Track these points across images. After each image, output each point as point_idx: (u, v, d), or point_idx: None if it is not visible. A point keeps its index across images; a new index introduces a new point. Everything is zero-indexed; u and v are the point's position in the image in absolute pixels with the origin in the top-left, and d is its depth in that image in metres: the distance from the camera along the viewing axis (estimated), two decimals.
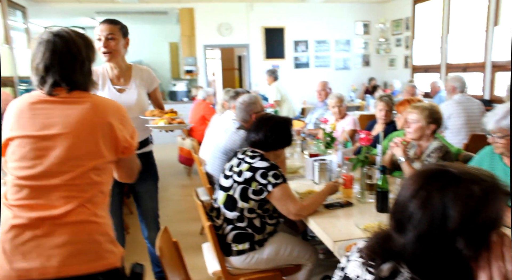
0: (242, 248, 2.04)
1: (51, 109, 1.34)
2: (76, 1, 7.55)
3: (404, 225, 0.85)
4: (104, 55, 2.19)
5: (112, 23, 2.20)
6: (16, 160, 1.31)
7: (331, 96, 3.89)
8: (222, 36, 8.44)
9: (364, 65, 9.16)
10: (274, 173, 2.01)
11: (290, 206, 1.98)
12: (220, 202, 2.12)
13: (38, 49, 1.36)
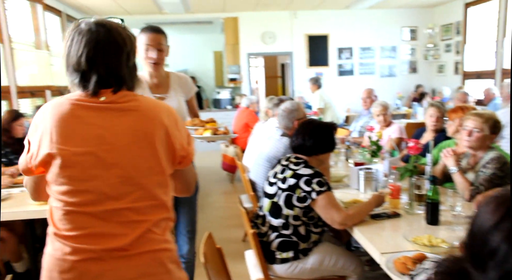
0: (286, 256, 2.02)
1: (101, 117, 1.11)
2: (126, 14, 7.91)
3: (485, 261, 0.72)
4: (152, 65, 2.12)
5: (160, 33, 2.13)
6: (64, 183, 1.09)
7: (375, 104, 3.80)
8: (266, 44, 8.51)
9: (410, 72, 8.88)
10: (318, 180, 1.99)
11: (335, 214, 1.95)
12: (265, 209, 2.13)
13: (77, 40, 1.13)
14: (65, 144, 1.08)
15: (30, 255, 2.68)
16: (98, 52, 1.13)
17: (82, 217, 1.08)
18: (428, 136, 3.22)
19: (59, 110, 1.12)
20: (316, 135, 2.13)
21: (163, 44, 2.14)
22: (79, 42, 1.13)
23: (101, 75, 1.13)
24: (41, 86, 5.82)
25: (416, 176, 2.15)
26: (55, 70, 6.35)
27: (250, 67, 8.77)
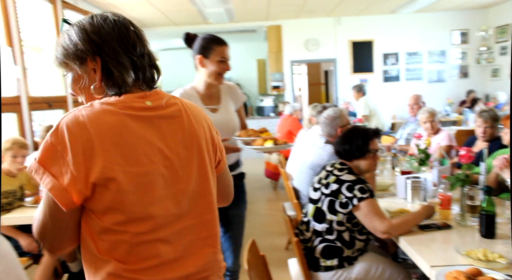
0: (330, 264, 2.00)
1: (153, 128, 0.96)
2: (173, 25, 8.20)
3: None
4: (220, 77, 2.03)
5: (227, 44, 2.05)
6: (128, 210, 0.91)
7: (421, 111, 3.67)
8: (309, 51, 8.48)
9: (461, 76, 8.48)
10: (360, 187, 1.97)
11: (377, 223, 1.90)
12: (309, 215, 2.12)
13: (112, 31, 0.96)
14: (128, 165, 0.90)
15: None
16: (140, 42, 1.01)
17: (155, 244, 0.94)
18: (481, 144, 3.06)
19: (106, 122, 0.90)
20: (353, 140, 2.11)
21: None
22: (118, 31, 0.97)
23: (148, 69, 1.03)
24: None
25: (469, 186, 2.05)
26: None
27: (293, 74, 8.77)
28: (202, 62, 2.00)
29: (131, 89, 0.98)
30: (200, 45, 2.01)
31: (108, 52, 0.95)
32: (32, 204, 2.75)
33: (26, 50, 4.38)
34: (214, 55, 1.99)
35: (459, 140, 4.46)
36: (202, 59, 2.00)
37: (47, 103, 4.78)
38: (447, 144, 3.49)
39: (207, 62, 2.00)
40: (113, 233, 0.92)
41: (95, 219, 0.91)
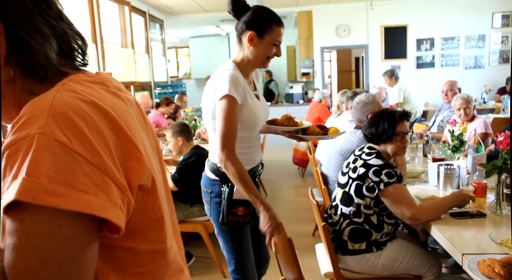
0: (358, 247, 1.98)
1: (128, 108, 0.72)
2: (203, 11, 8.22)
3: None
4: (268, 62, 1.75)
5: None
6: (158, 222, 0.71)
7: (456, 97, 3.53)
8: (340, 38, 8.31)
9: (501, 62, 8.09)
10: (388, 171, 1.93)
11: (404, 208, 1.87)
12: (337, 199, 2.12)
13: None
14: (149, 159, 0.68)
15: None
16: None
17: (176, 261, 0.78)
18: None
19: (114, 103, 0.67)
20: (380, 123, 2.06)
21: None
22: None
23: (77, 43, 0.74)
24: (126, 82, 6.29)
25: (506, 174, 1.96)
26: (139, 67, 6.81)
27: (323, 61, 8.63)
28: (254, 40, 1.65)
29: (60, 69, 0.66)
30: (256, 19, 1.64)
31: (15, 10, 0.60)
32: None
33: None
34: (270, 36, 1.65)
35: (496, 128, 4.28)
36: (255, 36, 1.65)
37: None
38: (483, 131, 3.36)
39: (260, 42, 1.66)
40: (152, 261, 0.70)
41: (129, 247, 0.66)
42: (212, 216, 1.83)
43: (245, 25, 1.66)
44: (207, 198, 1.85)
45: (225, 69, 1.67)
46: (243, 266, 1.84)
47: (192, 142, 3.14)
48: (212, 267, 3.13)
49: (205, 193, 1.86)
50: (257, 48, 1.67)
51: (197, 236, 3.27)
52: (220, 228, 1.81)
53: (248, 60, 1.71)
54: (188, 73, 12.12)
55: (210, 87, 1.68)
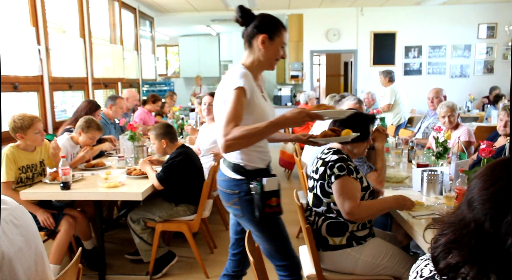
0: (339, 242, 2.00)
1: None
2: (194, 11, 8.19)
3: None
4: (275, 63, 1.88)
5: None
6: None
7: (441, 105, 3.60)
8: (330, 42, 8.38)
9: (485, 72, 8.27)
10: (340, 165, 1.97)
11: (345, 202, 1.90)
12: (310, 203, 2.14)
13: None
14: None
15: (97, 234, 2.89)
16: None
17: None
18: (503, 140, 2.99)
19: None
20: (346, 123, 2.05)
21: None
22: None
23: None
24: (114, 78, 6.22)
25: None
26: (127, 64, 6.75)
27: (312, 64, 8.69)
28: (265, 42, 1.79)
29: None
30: (267, 24, 1.81)
31: None
32: (51, 181, 2.82)
33: (50, 30, 4.45)
34: (279, 39, 1.81)
35: (479, 136, 4.36)
36: (266, 39, 1.78)
37: (68, 83, 4.85)
38: (467, 140, 3.42)
39: (270, 44, 1.80)
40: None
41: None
42: (246, 215, 1.87)
43: (257, 29, 1.80)
44: (234, 200, 1.85)
45: (236, 69, 1.79)
46: (290, 253, 1.93)
47: (177, 143, 3.10)
48: (195, 267, 3.12)
49: (230, 195, 1.86)
50: (268, 50, 1.81)
51: (180, 235, 3.25)
52: (259, 224, 1.86)
53: (258, 62, 1.83)
54: (177, 71, 12.06)
55: (220, 96, 1.78)
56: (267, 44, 1.80)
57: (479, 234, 0.79)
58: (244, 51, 1.87)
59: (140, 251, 2.98)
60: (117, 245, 3.60)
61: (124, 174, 3.07)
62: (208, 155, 3.61)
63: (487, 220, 0.78)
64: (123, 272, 3.05)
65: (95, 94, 5.58)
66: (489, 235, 0.78)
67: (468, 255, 0.79)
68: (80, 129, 3.28)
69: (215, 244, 3.53)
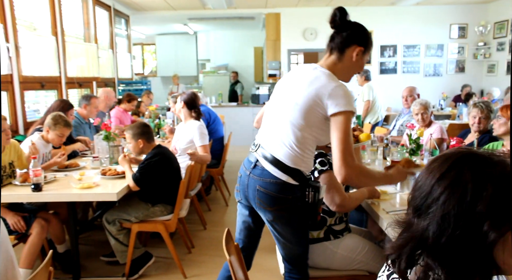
0: (317, 236, 2.03)
1: None
2: (171, 9, 8.10)
3: (427, 208, 0.81)
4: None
5: None
6: None
7: (415, 103, 3.68)
8: (307, 41, 8.43)
9: (457, 71, 8.50)
10: (321, 160, 1.99)
11: (335, 194, 1.93)
12: None
13: None
14: None
15: (71, 236, 2.83)
16: None
17: None
18: (472, 136, 3.07)
19: None
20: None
21: None
22: None
23: None
24: (89, 77, 6.09)
25: None
26: (102, 62, 6.62)
27: (290, 63, 8.73)
28: (359, 55, 1.77)
29: None
30: (366, 37, 1.79)
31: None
32: (21, 183, 2.73)
33: (19, 28, 4.31)
34: (368, 54, 1.82)
35: (451, 134, 4.48)
36: (361, 52, 1.77)
37: (40, 83, 4.72)
38: (439, 137, 3.50)
39: (361, 58, 1.79)
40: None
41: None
42: (292, 221, 1.81)
43: (356, 40, 1.77)
44: (284, 205, 1.76)
45: (334, 81, 1.71)
46: (307, 259, 1.94)
47: (154, 143, 3.06)
48: (172, 267, 3.09)
49: (279, 199, 1.76)
50: (357, 63, 1.79)
51: (158, 236, 3.21)
52: (298, 229, 1.83)
53: (343, 71, 1.80)
54: (154, 70, 11.91)
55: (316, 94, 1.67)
56: (359, 57, 1.78)
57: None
58: (328, 54, 1.82)
59: (116, 253, 2.93)
60: (92, 247, 3.53)
61: (99, 174, 3.02)
62: (184, 155, 3.58)
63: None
64: (99, 274, 2.99)
65: (69, 93, 5.44)
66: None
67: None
68: (48, 127, 3.17)
69: (193, 244, 3.51)
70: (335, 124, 1.65)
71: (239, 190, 1.95)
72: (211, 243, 3.58)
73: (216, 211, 4.49)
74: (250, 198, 1.86)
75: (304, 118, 1.70)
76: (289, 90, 1.80)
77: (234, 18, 8.87)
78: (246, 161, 1.91)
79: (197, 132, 3.65)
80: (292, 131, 1.72)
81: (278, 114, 1.81)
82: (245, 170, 1.88)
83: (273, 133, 1.80)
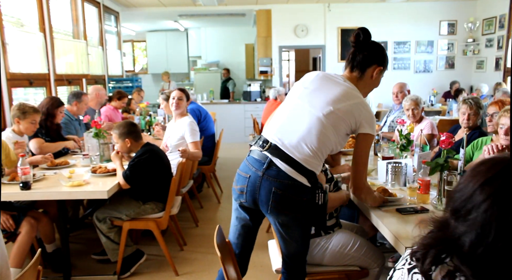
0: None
1: None
2: (161, 5, 8.03)
3: (467, 213, 0.77)
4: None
5: None
6: None
7: (406, 99, 3.69)
8: (298, 37, 8.43)
9: (447, 67, 8.56)
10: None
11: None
12: None
13: None
14: None
15: (61, 235, 2.80)
16: None
17: None
18: (462, 132, 3.10)
19: None
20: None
21: None
22: None
23: None
24: (78, 75, 6.02)
25: (447, 172, 2.07)
26: (92, 59, 6.54)
27: (281, 60, 8.72)
28: (377, 74, 1.91)
29: None
30: (384, 57, 1.92)
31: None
32: (9, 181, 2.69)
33: (5, 24, 4.24)
34: (383, 72, 1.95)
35: (441, 129, 4.51)
36: (379, 72, 1.90)
37: (28, 80, 4.65)
38: (429, 132, 3.53)
39: (378, 76, 1.93)
40: None
41: None
42: (304, 223, 1.81)
43: (375, 61, 1.88)
44: (299, 208, 1.74)
45: (362, 100, 1.84)
46: (305, 257, 1.94)
47: (142, 141, 3.02)
48: (164, 265, 3.07)
49: (297, 202, 1.73)
50: (375, 81, 1.94)
51: (149, 234, 3.20)
52: (306, 229, 1.86)
53: (364, 88, 1.92)
54: (145, 67, 11.82)
55: (355, 109, 1.77)
56: (377, 76, 1.91)
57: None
58: (349, 70, 1.91)
59: (107, 251, 2.91)
60: (83, 246, 3.50)
61: (89, 172, 2.98)
62: (175, 152, 3.56)
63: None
64: (90, 273, 2.97)
65: (58, 90, 5.38)
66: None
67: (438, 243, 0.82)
68: (17, 118, 3.11)
69: (185, 241, 3.49)
70: (363, 143, 1.83)
71: (245, 192, 1.80)
72: (203, 240, 3.57)
73: (208, 209, 4.48)
74: (261, 201, 1.76)
75: (335, 126, 1.75)
76: (318, 94, 1.80)
77: (224, 15, 8.84)
78: (254, 161, 1.79)
79: (188, 129, 3.63)
80: (319, 133, 1.72)
81: (302, 114, 1.78)
82: (255, 170, 1.76)
83: (293, 133, 1.75)
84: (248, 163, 1.81)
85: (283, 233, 1.83)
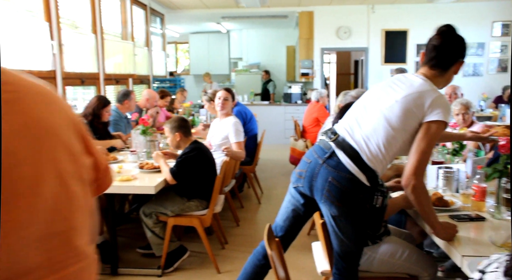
0: None
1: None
2: (205, 7, 8.18)
3: None
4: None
5: None
6: None
7: (455, 103, 3.54)
8: (340, 40, 8.32)
9: (499, 71, 8.14)
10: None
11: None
12: None
13: None
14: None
15: (109, 228, 2.90)
16: None
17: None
18: None
19: None
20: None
21: None
22: None
23: None
24: (125, 74, 6.24)
25: (506, 178, 1.97)
26: (138, 60, 6.77)
27: (323, 62, 8.64)
28: (457, 69, 1.81)
29: None
30: (465, 48, 1.82)
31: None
32: None
33: (62, 26, 4.46)
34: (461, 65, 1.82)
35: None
36: (460, 66, 1.80)
37: (80, 79, 4.88)
38: None
39: (455, 71, 1.82)
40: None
41: None
42: (357, 220, 1.79)
43: (460, 56, 1.79)
44: (353, 202, 1.74)
45: (437, 90, 1.74)
46: (359, 260, 1.90)
47: (191, 137, 3.10)
48: (206, 262, 3.12)
49: (351, 196, 1.73)
50: (451, 76, 1.83)
51: (191, 231, 3.25)
52: (361, 230, 1.83)
53: (443, 82, 1.81)
54: (187, 69, 12.07)
55: (419, 97, 1.69)
56: (456, 70, 1.82)
57: None
58: (427, 67, 1.80)
59: (152, 245, 2.99)
60: (128, 239, 3.62)
61: (137, 168, 3.08)
62: (219, 151, 3.61)
63: None
64: (135, 266, 3.06)
65: (107, 89, 5.60)
66: None
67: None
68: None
69: (226, 240, 3.53)
70: (425, 131, 1.66)
71: (304, 177, 1.85)
72: (244, 240, 3.59)
73: (248, 209, 4.50)
74: (316, 188, 1.80)
75: (402, 121, 1.69)
76: (389, 90, 1.78)
77: (267, 17, 8.87)
78: (318, 148, 1.84)
79: (232, 129, 3.67)
80: (385, 130, 1.70)
81: (372, 111, 1.78)
82: (317, 157, 1.80)
83: (360, 128, 1.76)
84: (312, 150, 1.86)
85: (334, 227, 1.82)
